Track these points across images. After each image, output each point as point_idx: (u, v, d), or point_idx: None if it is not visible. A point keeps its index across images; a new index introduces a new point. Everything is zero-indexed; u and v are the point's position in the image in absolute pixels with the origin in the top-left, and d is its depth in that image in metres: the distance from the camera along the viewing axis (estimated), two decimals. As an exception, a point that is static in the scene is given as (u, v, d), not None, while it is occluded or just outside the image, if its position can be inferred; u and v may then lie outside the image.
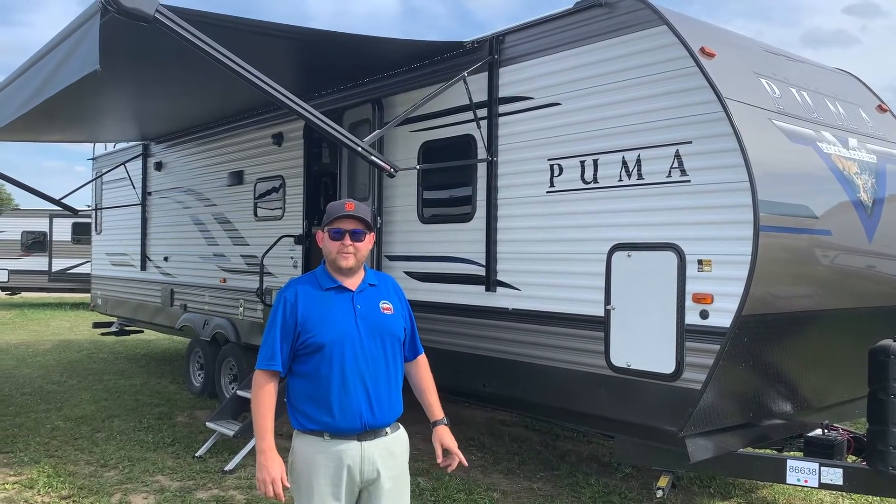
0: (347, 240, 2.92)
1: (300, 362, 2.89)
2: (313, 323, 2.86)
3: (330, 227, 2.94)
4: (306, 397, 2.87)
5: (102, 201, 11.78)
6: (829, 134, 4.84)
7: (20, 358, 11.72)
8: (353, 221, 2.93)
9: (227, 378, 8.32)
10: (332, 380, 2.82)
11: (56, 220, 21.05)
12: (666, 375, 4.32)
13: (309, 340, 2.84)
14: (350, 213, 2.93)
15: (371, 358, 2.88)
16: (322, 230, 2.99)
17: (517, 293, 5.32)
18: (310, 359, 2.86)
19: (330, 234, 2.94)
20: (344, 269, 2.94)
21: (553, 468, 6.18)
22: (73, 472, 5.87)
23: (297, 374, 2.90)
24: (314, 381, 2.85)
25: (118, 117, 8.83)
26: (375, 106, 6.49)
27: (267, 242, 7.57)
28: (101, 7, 3.95)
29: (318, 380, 2.84)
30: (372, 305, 2.95)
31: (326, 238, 2.96)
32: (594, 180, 4.82)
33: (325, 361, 2.83)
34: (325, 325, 2.86)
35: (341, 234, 2.92)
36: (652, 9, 4.53)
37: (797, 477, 4.30)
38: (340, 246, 2.91)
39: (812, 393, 4.88)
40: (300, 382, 2.89)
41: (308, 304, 2.89)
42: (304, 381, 2.88)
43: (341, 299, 2.92)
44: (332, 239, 2.93)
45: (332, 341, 2.83)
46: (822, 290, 4.61)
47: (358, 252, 2.94)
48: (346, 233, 2.92)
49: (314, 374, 2.85)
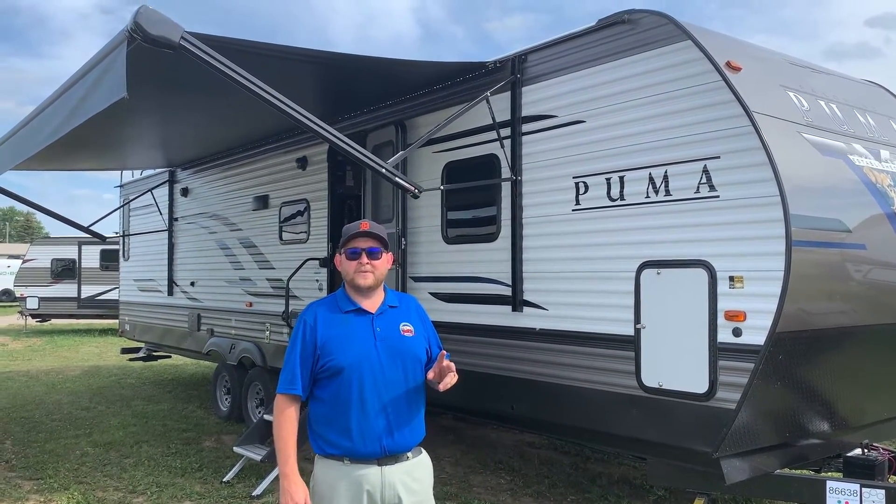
0: (364, 258, 2.91)
1: (320, 386, 2.87)
2: (332, 346, 2.84)
3: (346, 248, 2.94)
4: (326, 422, 2.85)
5: (130, 228, 11.91)
6: (860, 146, 4.76)
7: (50, 384, 11.83)
8: (369, 240, 2.93)
9: (254, 402, 8.32)
10: (351, 404, 2.80)
11: (85, 248, 21.31)
12: (699, 395, 4.23)
13: (328, 364, 2.82)
14: (365, 231, 2.92)
15: (391, 381, 2.85)
16: (339, 252, 2.98)
17: (544, 313, 5.27)
18: (329, 382, 2.84)
19: (347, 254, 2.93)
20: (363, 289, 2.92)
21: (584, 491, 6.07)
22: (103, 498, 5.87)
23: (318, 398, 2.88)
24: (333, 405, 2.83)
25: (145, 144, 8.94)
26: (399, 128, 6.50)
27: (292, 266, 7.60)
28: (128, 36, 4.00)
29: (337, 404, 2.82)
30: (392, 328, 2.93)
31: (344, 259, 2.95)
32: (621, 197, 4.77)
33: (345, 385, 2.81)
34: (343, 349, 2.84)
35: (358, 253, 2.91)
36: (676, 24, 4.50)
37: (837, 499, 4.17)
38: (357, 265, 2.91)
39: (850, 411, 4.75)
40: (320, 407, 2.87)
41: (327, 327, 2.87)
42: (324, 405, 2.86)
43: (361, 322, 2.90)
44: (349, 259, 2.93)
45: (350, 365, 2.82)
46: (858, 305, 4.51)
47: (376, 270, 2.92)
48: (363, 251, 2.91)
49: (333, 398, 2.83)
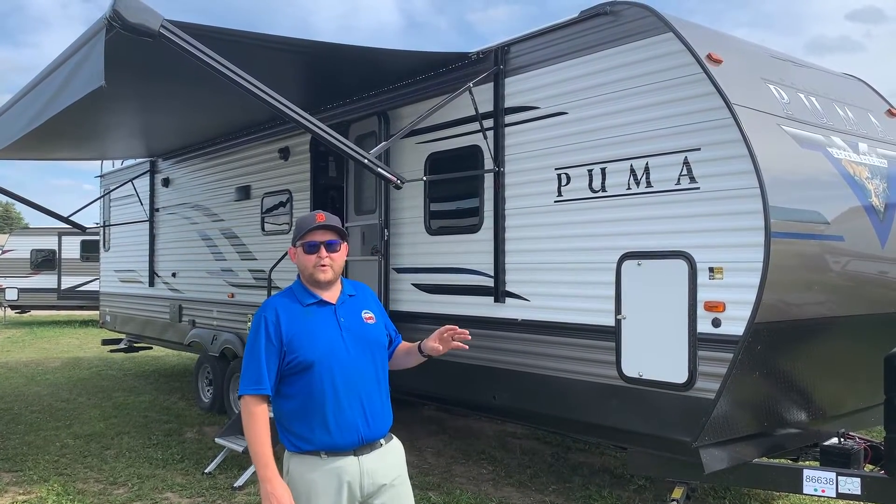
0: (323, 252, 2.83)
1: (287, 383, 2.77)
2: (299, 341, 2.75)
3: (303, 241, 2.85)
4: (297, 418, 2.76)
5: (110, 218, 11.81)
6: (839, 139, 4.80)
7: (29, 376, 11.72)
8: (327, 232, 2.85)
9: (236, 394, 8.27)
10: (325, 397, 2.73)
11: (65, 238, 21.11)
12: (679, 385, 4.27)
13: (296, 360, 2.73)
14: (322, 223, 2.84)
15: (361, 371, 2.81)
16: (294, 245, 2.89)
17: (526, 304, 5.29)
18: (298, 378, 2.75)
19: (304, 247, 2.85)
20: (322, 283, 2.85)
21: (565, 480, 6.11)
22: (83, 490, 5.84)
23: (285, 395, 2.79)
24: (305, 400, 2.74)
25: (125, 134, 8.85)
26: (381, 118, 6.48)
27: (274, 257, 7.57)
28: (107, 23, 3.95)
29: (310, 399, 2.74)
30: (355, 317, 2.89)
31: (300, 253, 2.86)
32: (602, 189, 4.79)
33: (316, 379, 2.73)
34: (311, 343, 2.75)
35: (316, 246, 2.83)
36: (658, 16, 4.51)
37: (814, 487, 4.23)
38: (316, 259, 2.83)
39: (827, 401, 4.81)
40: (288, 403, 2.78)
41: (291, 323, 2.77)
42: (293, 401, 2.77)
43: (324, 314, 2.84)
44: (306, 253, 2.84)
45: (320, 358, 2.74)
46: (836, 296, 4.56)
47: (334, 263, 2.86)
48: (321, 245, 2.83)
49: (304, 393, 2.74)
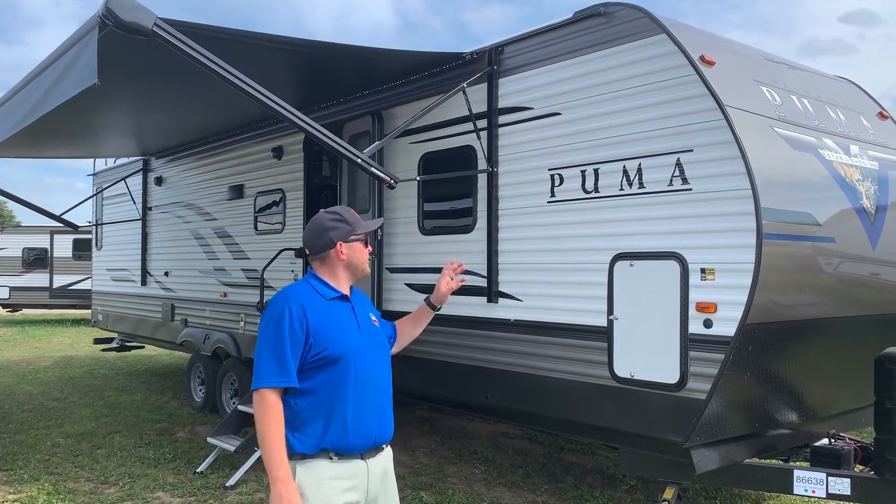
0: (369, 246, 2.95)
1: (304, 378, 2.66)
2: (329, 333, 2.68)
3: (361, 236, 2.90)
4: (311, 415, 2.65)
5: (103, 217, 11.77)
6: (831, 141, 4.82)
7: (20, 375, 11.68)
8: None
9: (229, 393, 8.27)
10: (346, 395, 2.66)
11: (57, 237, 21.06)
12: (670, 385, 4.28)
13: (324, 353, 2.65)
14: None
15: (379, 369, 2.81)
16: (347, 241, 2.85)
17: (519, 304, 5.29)
18: (318, 373, 2.66)
19: (363, 241, 2.91)
20: (363, 278, 2.93)
21: (557, 481, 6.12)
22: (74, 489, 5.82)
23: (299, 391, 2.66)
24: (325, 396, 2.65)
25: (118, 132, 8.82)
26: (375, 118, 6.48)
27: (267, 256, 7.56)
28: (100, 21, 3.93)
29: (330, 395, 2.65)
30: (365, 316, 2.89)
31: (358, 246, 2.88)
32: (595, 190, 4.80)
33: (341, 374, 2.66)
34: (338, 337, 2.70)
35: (366, 241, 2.93)
36: (651, 17, 4.52)
37: (804, 487, 4.25)
38: (368, 252, 2.93)
39: (818, 402, 4.83)
40: (302, 400, 2.66)
41: (317, 315, 2.69)
42: (309, 397, 2.65)
43: (344, 309, 2.81)
44: (365, 246, 2.92)
45: (347, 353, 2.68)
46: (827, 297, 4.58)
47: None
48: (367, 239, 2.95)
49: (324, 388, 2.66)
